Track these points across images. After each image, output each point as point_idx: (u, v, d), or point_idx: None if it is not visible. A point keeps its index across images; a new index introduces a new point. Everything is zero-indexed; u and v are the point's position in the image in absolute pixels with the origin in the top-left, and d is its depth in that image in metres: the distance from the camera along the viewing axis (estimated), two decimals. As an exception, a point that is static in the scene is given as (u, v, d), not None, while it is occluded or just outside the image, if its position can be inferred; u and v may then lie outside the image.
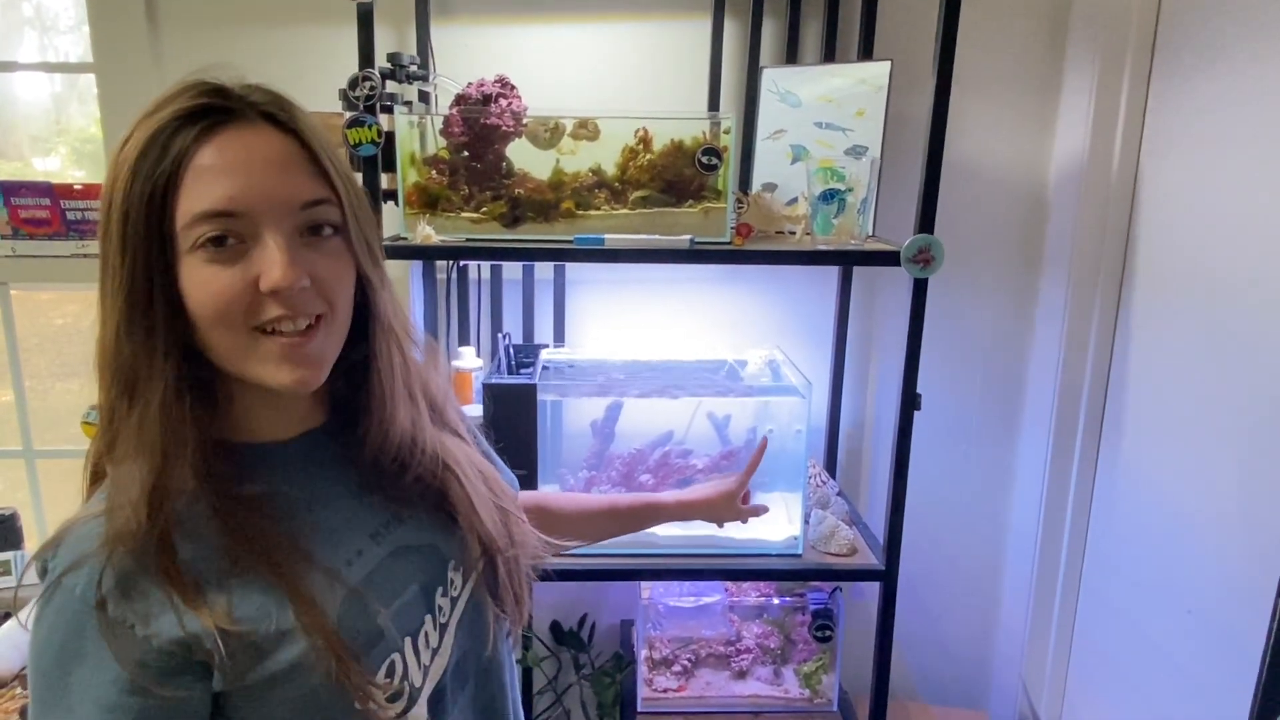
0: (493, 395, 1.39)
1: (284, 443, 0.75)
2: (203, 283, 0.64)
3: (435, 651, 0.78)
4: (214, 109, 0.65)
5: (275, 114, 0.67)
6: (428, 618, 0.77)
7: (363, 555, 0.74)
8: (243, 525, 0.67)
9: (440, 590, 0.79)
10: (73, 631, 0.62)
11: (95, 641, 0.62)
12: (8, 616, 1.54)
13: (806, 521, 1.52)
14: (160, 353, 0.65)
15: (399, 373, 0.77)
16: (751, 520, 1.28)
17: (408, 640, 0.74)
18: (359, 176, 1.31)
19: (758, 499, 1.58)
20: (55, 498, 1.97)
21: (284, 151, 0.67)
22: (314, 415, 0.78)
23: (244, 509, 0.68)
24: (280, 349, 0.67)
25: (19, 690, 1.42)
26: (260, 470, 0.72)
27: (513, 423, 1.38)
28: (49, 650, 0.63)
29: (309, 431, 0.77)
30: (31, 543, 1.81)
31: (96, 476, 0.71)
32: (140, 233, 0.63)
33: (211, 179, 0.63)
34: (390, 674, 0.72)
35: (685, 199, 1.38)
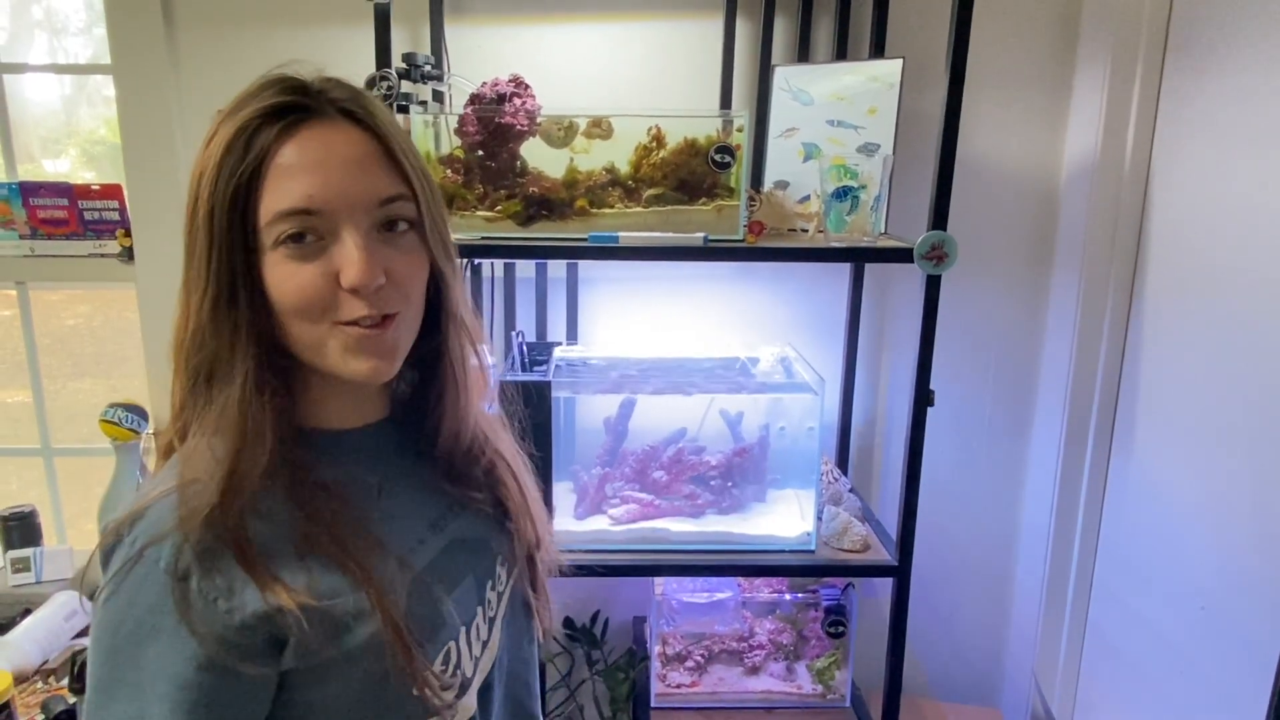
0: (507, 392, 1.40)
1: (356, 431, 0.77)
2: (285, 278, 0.66)
3: (485, 645, 0.80)
4: (294, 106, 0.67)
5: (354, 110, 0.69)
6: (479, 610, 0.79)
7: (425, 544, 0.77)
8: (318, 509, 0.69)
9: (490, 584, 0.82)
10: (153, 605, 0.62)
11: (175, 616, 0.62)
12: (27, 613, 1.56)
13: (819, 518, 1.52)
14: (243, 344, 0.67)
15: (470, 364, 0.80)
16: (766, 515, 1.28)
17: (463, 630, 0.76)
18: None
19: (772, 496, 1.60)
20: (72, 495, 1.99)
21: (362, 148, 0.68)
22: (384, 405, 0.81)
23: (318, 493, 0.70)
24: (356, 339, 0.68)
25: (40, 684, 1.44)
26: (333, 457, 0.74)
27: (527, 420, 1.38)
28: (125, 624, 0.63)
29: (379, 421, 0.79)
30: (50, 540, 1.83)
31: (168, 458, 0.73)
32: (225, 229, 0.65)
33: (292, 177, 0.65)
34: (446, 661, 0.74)
35: (698, 197, 1.39)
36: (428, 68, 1.45)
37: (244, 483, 0.66)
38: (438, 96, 1.55)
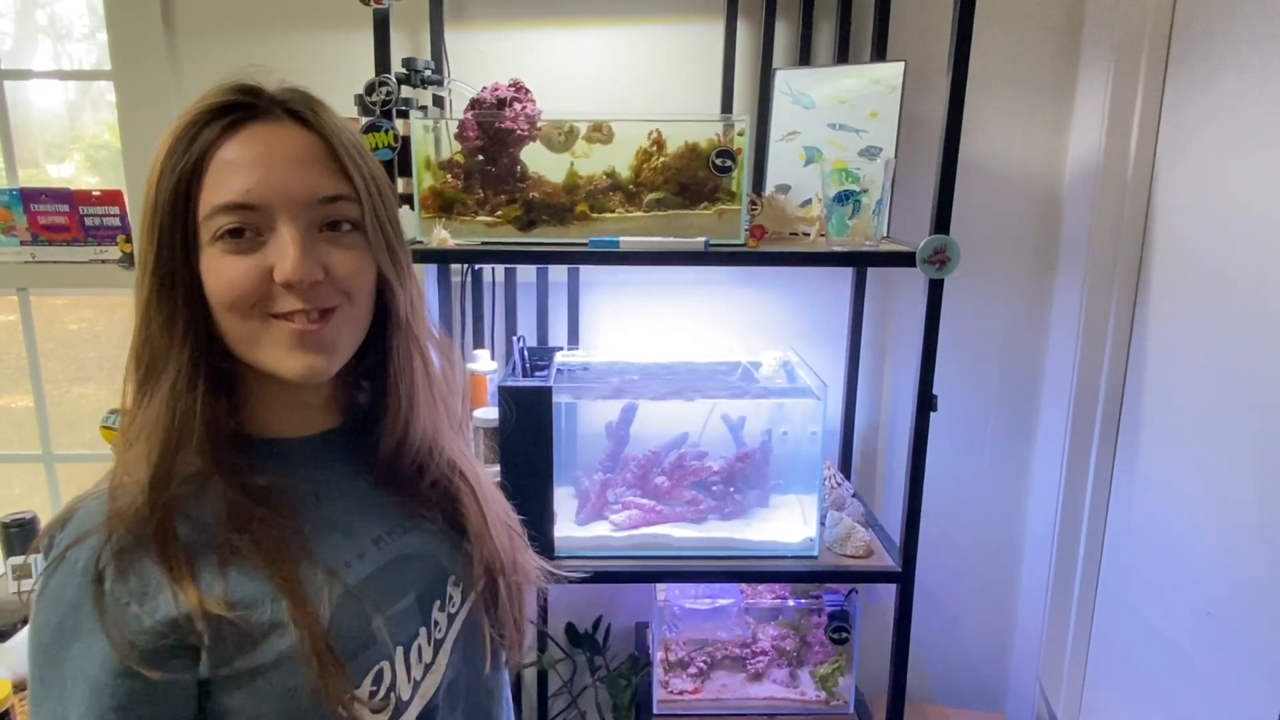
0: (508, 398, 1.40)
1: (298, 439, 0.76)
2: (218, 271, 0.66)
3: (428, 667, 0.77)
4: (240, 105, 0.68)
5: (300, 111, 0.69)
6: (422, 630, 0.76)
7: (364, 558, 0.74)
8: (247, 514, 0.68)
9: (438, 604, 0.78)
10: (72, 606, 0.63)
11: (91, 617, 0.62)
12: (27, 620, 1.55)
13: (822, 523, 1.52)
14: (178, 339, 0.67)
15: (419, 375, 0.78)
16: (768, 521, 1.27)
17: (399, 649, 0.73)
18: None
19: (774, 501, 1.59)
20: (66, 497, 1.98)
21: (305, 148, 0.68)
22: (332, 417, 0.79)
23: (251, 499, 0.69)
24: (291, 335, 0.68)
25: (40, 692, 1.43)
26: (273, 464, 0.73)
27: (528, 425, 1.38)
28: (49, 624, 0.63)
29: (326, 432, 0.78)
30: (51, 546, 1.83)
31: None
32: (167, 224, 0.66)
33: (231, 172, 0.65)
34: (377, 682, 0.71)
35: (699, 201, 1.38)
36: (428, 73, 1.44)
37: (169, 482, 0.65)
38: (438, 101, 1.55)
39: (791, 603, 1.70)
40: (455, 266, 1.69)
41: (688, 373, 1.65)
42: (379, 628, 0.72)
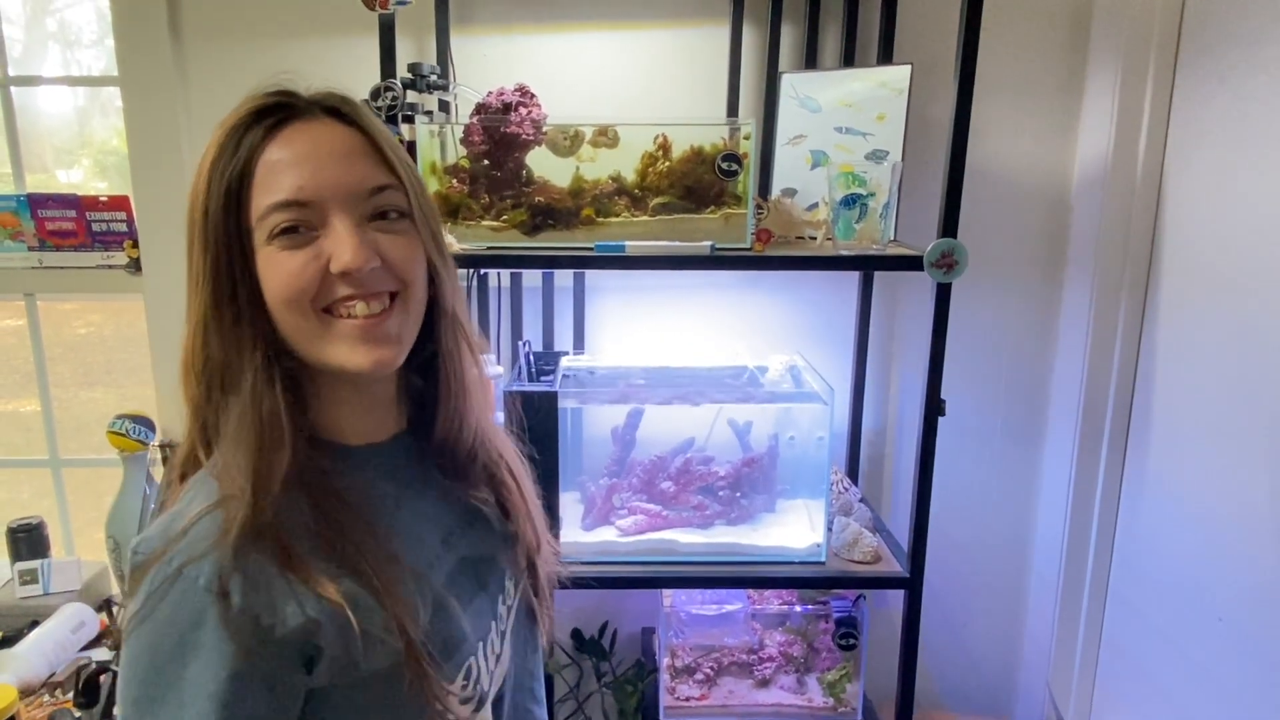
0: (514, 403, 1.39)
1: (375, 445, 0.77)
2: (276, 269, 0.67)
3: (499, 658, 0.80)
4: (280, 107, 0.69)
5: (337, 108, 0.70)
6: (493, 624, 0.80)
7: (440, 560, 0.77)
8: (340, 522, 0.69)
9: (501, 598, 0.82)
10: (193, 623, 0.62)
11: (216, 633, 0.62)
12: (34, 625, 1.56)
13: (829, 529, 1.51)
14: (247, 342, 0.67)
15: (466, 361, 0.80)
16: (775, 526, 1.27)
17: (480, 644, 0.76)
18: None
19: (781, 507, 1.58)
20: (81, 506, 1.99)
21: (348, 142, 0.69)
22: (398, 419, 0.80)
23: (340, 506, 0.69)
24: (356, 330, 0.68)
25: (46, 697, 1.44)
26: (351, 471, 0.73)
27: (534, 430, 1.37)
28: (164, 644, 0.62)
29: (395, 436, 0.79)
30: (58, 551, 1.83)
31: (184, 477, 0.72)
32: (220, 229, 0.66)
33: (280, 172, 0.66)
34: (467, 678, 0.74)
35: (705, 205, 1.38)
36: (433, 78, 1.44)
37: (272, 486, 0.65)
38: (443, 106, 1.55)
39: (799, 608, 1.69)
40: (461, 271, 1.69)
41: (694, 377, 1.64)
42: (466, 627, 0.74)
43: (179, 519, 0.65)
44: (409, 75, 1.40)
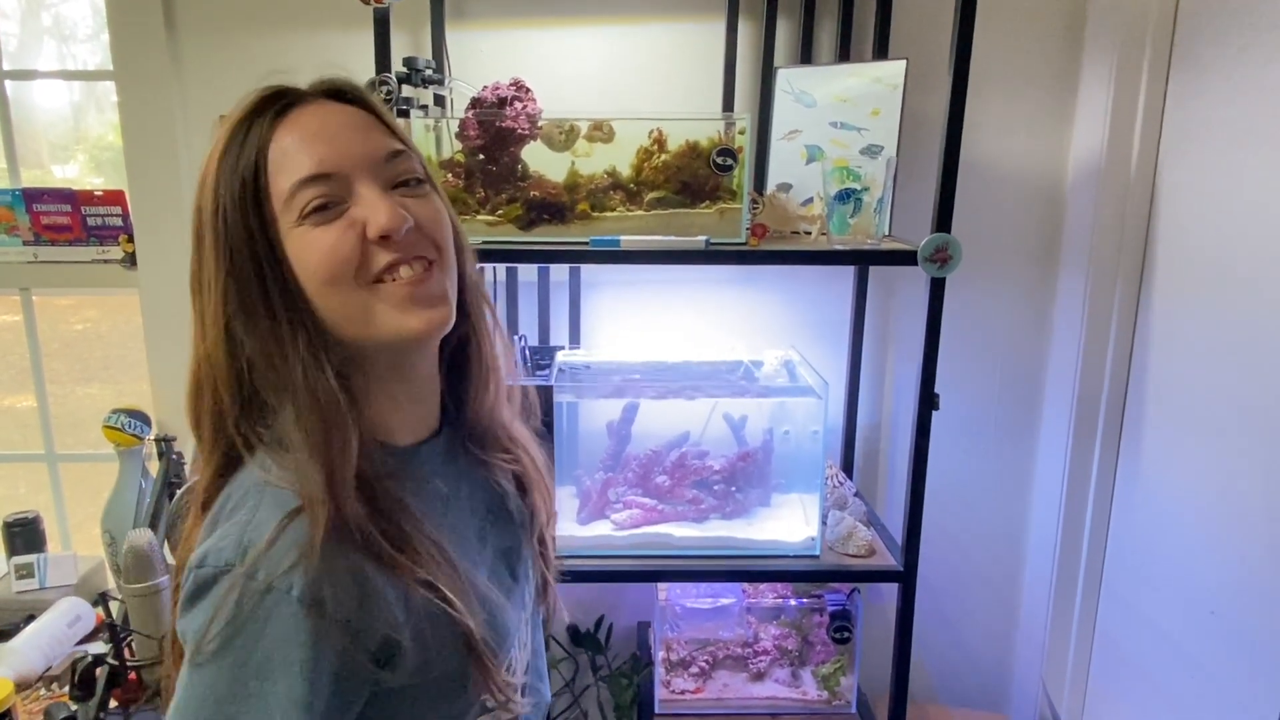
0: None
1: (422, 444, 0.76)
2: (312, 246, 0.65)
3: (525, 645, 0.82)
4: (281, 95, 0.68)
5: (340, 90, 0.71)
6: (523, 614, 0.81)
7: (481, 555, 0.77)
8: (404, 527, 0.67)
9: (528, 588, 0.84)
10: (285, 638, 0.60)
11: (311, 646, 0.60)
12: (30, 619, 1.56)
13: (824, 522, 1.51)
14: (289, 334, 0.65)
15: (493, 330, 0.80)
16: (770, 520, 1.28)
17: (515, 636, 0.77)
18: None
19: (776, 501, 1.59)
20: (79, 501, 1.99)
21: (355, 117, 0.69)
22: (438, 414, 0.79)
23: (402, 510, 0.68)
24: (404, 292, 0.67)
25: (42, 691, 1.44)
26: (405, 473, 0.72)
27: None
28: (252, 660, 0.60)
29: (437, 433, 0.78)
30: (54, 546, 1.83)
31: (207, 506, 0.69)
32: (239, 224, 0.64)
33: (297, 152, 0.65)
34: (510, 670, 0.75)
35: (700, 200, 1.38)
36: (428, 72, 1.44)
37: (346, 475, 0.64)
38: (439, 101, 1.55)
39: (793, 602, 1.69)
40: (457, 266, 1.69)
41: (689, 372, 1.65)
42: (510, 621, 0.75)
43: (254, 530, 0.62)
44: (404, 70, 1.40)
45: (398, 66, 1.38)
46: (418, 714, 0.69)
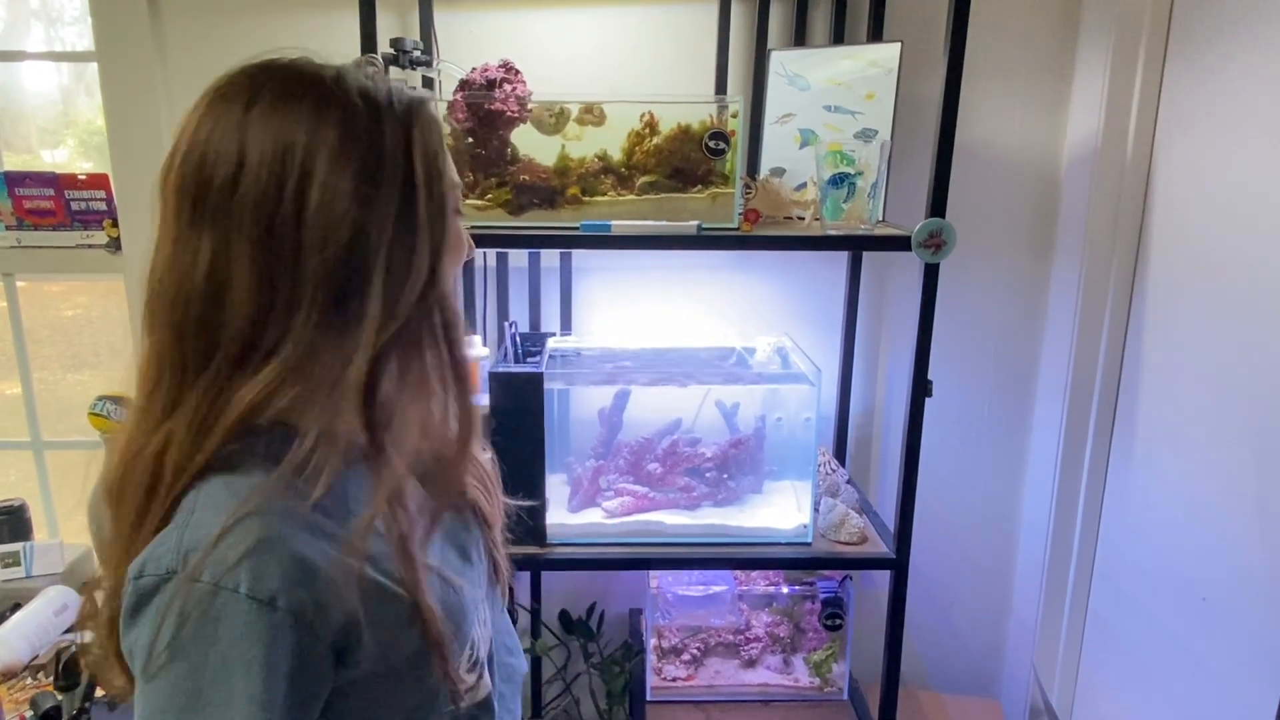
0: (499, 384, 1.38)
1: None
2: (458, 235, 0.73)
3: (486, 622, 0.80)
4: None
5: None
6: (479, 590, 0.80)
7: (430, 533, 0.75)
8: (344, 503, 0.67)
9: (480, 563, 0.82)
10: (238, 636, 0.58)
11: (264, 642, 0.59)
12: (17, 607, 1.54)
13: (816, 510, 1.51)
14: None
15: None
16: (762, 507, 1.27)
17: (474, 615, 0.76)
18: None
19: (768, 488, 1.58)
20: (71, 489, 1.97)
21: None
22: None
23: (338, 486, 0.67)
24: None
25: (28, 680, 1.43)
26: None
27: (520, 412, 1.37)
28: (209, 665, 0.58)
29: None
30: (41, 534, 1.82)
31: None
32: (433, 202, 0.70)
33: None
34: (472, 648, 0.74)
35: (692, 184, 1.36)
36: (416, 53, 1.42)
37: (325, 473, 0.64)
38: (427, 83, 1.53)
39: (785, 589, 1.69)
40: (446, 251, 1.67)
41: (681, 358, 1.64)
42: (465, 599, 0.74)
43: (193, 531, 0.61)
44: (391, 51, 1.38)
45: (384, 48, 1.36)
46: (382, 710, 0.69)
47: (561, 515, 1.50)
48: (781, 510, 1.53)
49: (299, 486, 0.63)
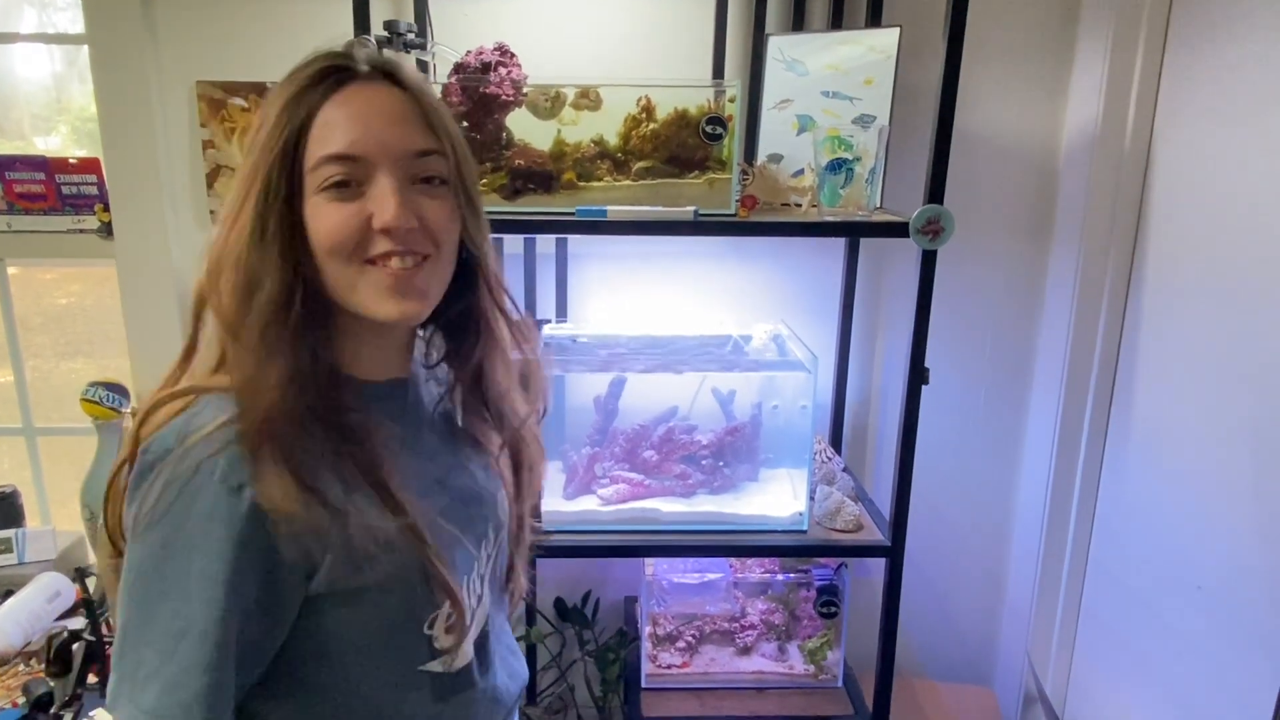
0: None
1: (384, 383, 0.81)
2: (323, 218, 0.71)
3: (480, 599, 0.84)
4: (339, 69, 0.73)
5: (394, 73, 0.75)
6: (475, 564, 0.84)
7: (435, 495, 0.81)
8: (352, 446, 0.73)
9: (484, 543, 0.86)
10: (206, 515, 0.66)
11: (226, 525, 0.66)
12: (9, 594, 1.54)
13: (812, 498, 1.50)
14: (289, 264, 0.71)
15: (500, 326, 0.85)
16: (758, 495, 1.29)
17: (464, 578, 0.81)
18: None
19: (764, 476, 1.58)
20: (64, 476, 1.96)
21: (400, 106, 0.74)
22: (404, 365, 0.84)
23: (353, 432, 0.74)
24: (388, 279, 0.72)
25: (20, 667, 1.42)
26: (364, 404, 0.77)
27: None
28: (178, 538, 0.66)
29: (401, 379, 0.83)
30: (33, 521, 1.81)
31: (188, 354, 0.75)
32: (275, 174, 0.70)
33: (336, 127, 0.71)
34: (457, 610, 0.79)
35: (689, 170, 1.35)
36: (410, 36, 1.40)
37: (303, 395, 0.70)
38: (421, 66, 1.51)
39: (780, 577, 1.69)
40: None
41: (677, 346, 1.63)
42: (454, 556, 0.79)
43: (194, 420, 0.69)
44: (384, 34, 1.36)
45: (378, 30, 1.34)
46: (363, 649, 0.75)
47: (557, 502, 1.50)
48: (777, 498, 1.52)
49: None
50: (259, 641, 0.70)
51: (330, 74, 0.72)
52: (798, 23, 1.61)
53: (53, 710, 1.29)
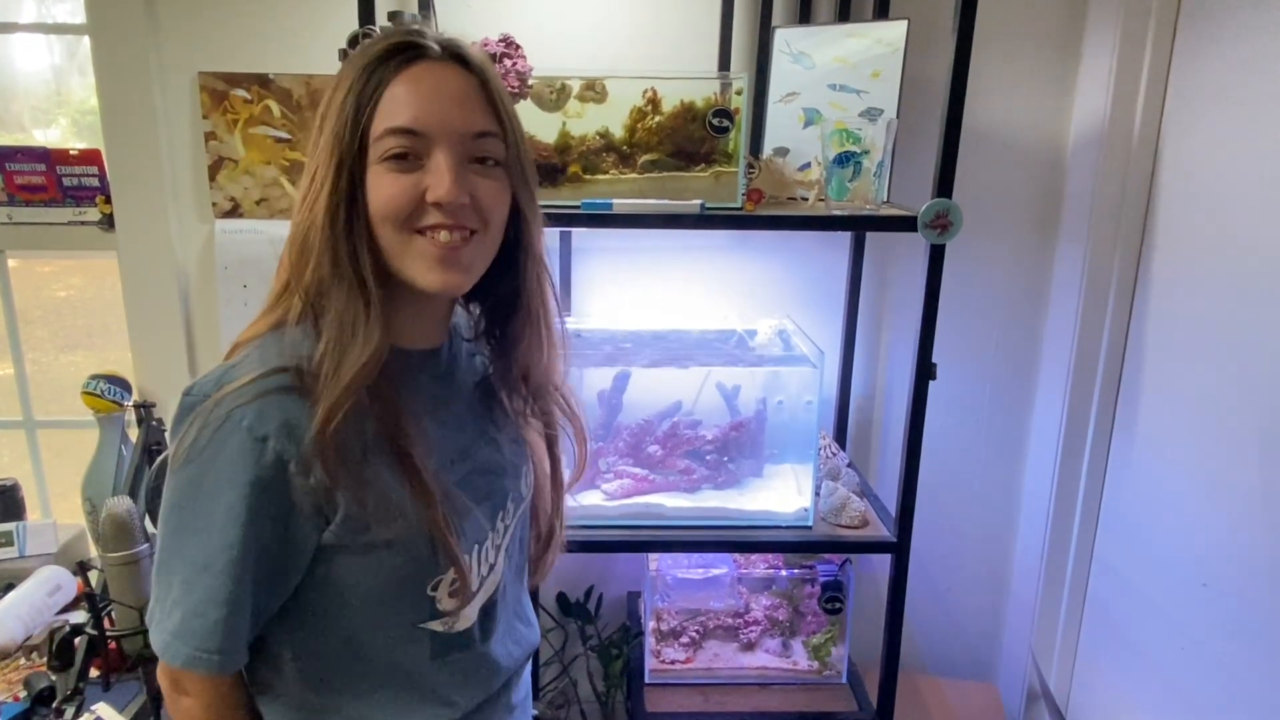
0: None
1: (421, 351, 0.86)
2: (381, 187, 0.75)
3: (491, 568, 0.88)
4: (409, 46, 0.76)
5: (461, 54, 0.78)
6: (490, 534, 0.87)
7: (457, 464, 0.85)
8: (380, 410, 0.77)
9: (501, 515, 0.89)
10: (232, 460, 0.71)
11: (250, 470, 0.71)
12: (10, 588, 1.53)
13: (817, 493, 1.50)
14: (362, 237, 0.76)
15: (550, 302, 0.89)
16: (762, 490, 1.29)
17: (475, 546, 0.84)
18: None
19: (769, 471, 1.57)
20: (65, 469, 1.95)
21: (464, 87, 0.77)
22: (443, 334, 0.89)
23: (382, 396, 0.77)
24: (435, 250, 0.76)
25: (22, 661, 1.42)
26: (400, 370, 0.81)
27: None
28: (207, 477, 0.72)
29: (438, 348, 0.88)
30: (34, 514, 1.80)
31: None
32: (346, 143, 0.75)
33: (401, 102, 0.74)
34: (463, 573, 0.82)
35: (695, 163, 1.34)
36: (415, 27, 1.39)
37: (362, 376, 0.74)
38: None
39: (785, 572, 1.68)
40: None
41: (682, 340, 1.62)
42: (466, 524, 0.83)
43: (234, 370, 0.74)
44: (389, 24, 1.35)
45: (383, 21, 1.33)
46: (368, 598, 0.79)
47: (560, 497, 1.49)
48: (782, 493, 1.52)
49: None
50: (274, 580, 0.75)
51: (402, 50, 0.75)
52: (804, 15, 1.60)
53: (55, 704, 1.28)
